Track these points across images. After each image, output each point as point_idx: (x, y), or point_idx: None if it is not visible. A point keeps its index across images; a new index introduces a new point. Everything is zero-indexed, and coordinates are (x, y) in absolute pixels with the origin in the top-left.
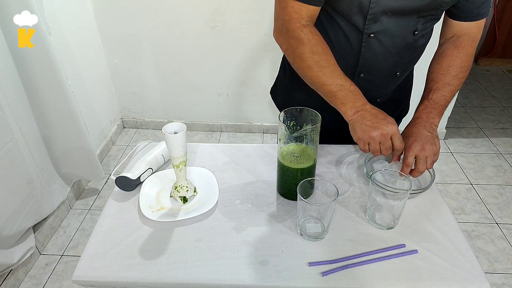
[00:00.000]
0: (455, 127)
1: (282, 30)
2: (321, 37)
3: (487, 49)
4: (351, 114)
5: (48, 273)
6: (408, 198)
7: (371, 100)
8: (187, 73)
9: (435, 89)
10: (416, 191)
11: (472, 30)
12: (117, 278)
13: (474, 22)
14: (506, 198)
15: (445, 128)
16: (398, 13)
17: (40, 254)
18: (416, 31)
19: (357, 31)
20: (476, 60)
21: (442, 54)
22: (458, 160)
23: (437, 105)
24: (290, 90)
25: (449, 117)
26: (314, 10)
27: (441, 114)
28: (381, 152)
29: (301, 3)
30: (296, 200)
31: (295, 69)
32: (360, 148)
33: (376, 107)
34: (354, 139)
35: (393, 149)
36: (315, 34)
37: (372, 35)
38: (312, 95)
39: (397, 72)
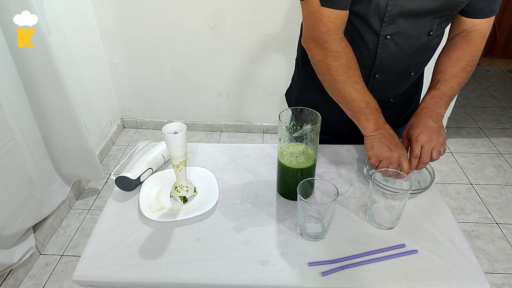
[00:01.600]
0: (455, 127)
1: (318, 41)
2: (352, 51)
3: (488, 49)
4: (372, 130)
5: (48, 273)
6: (408, 198)
7: (385, 100)
8: (187, 73)
9: (443, 80)
10: (416, 191)
11: (483, 27)
12: (117, 278)
13: (486, 18)
14: (506, 198)
15: (445, 128)
16: (414, 14)
17: (40, 254)
18: (431, 31)
19: (373, 33)
20: None
21: (452, 47)
22: (458, 160)
23: (444, 96)
24: (304, 92)
25: (449, 117)
26: (346, 15)
27: (447, 105)
28: (387, 172)
29: (336, 10)
30: (296, 200)
31: (322, 80)
32: (370, 163)
33: (391, 128)
34: (369, 153)
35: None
36: (350, 48)
37: (388, 37)
38: (326, 96)
39: (411, 72)
